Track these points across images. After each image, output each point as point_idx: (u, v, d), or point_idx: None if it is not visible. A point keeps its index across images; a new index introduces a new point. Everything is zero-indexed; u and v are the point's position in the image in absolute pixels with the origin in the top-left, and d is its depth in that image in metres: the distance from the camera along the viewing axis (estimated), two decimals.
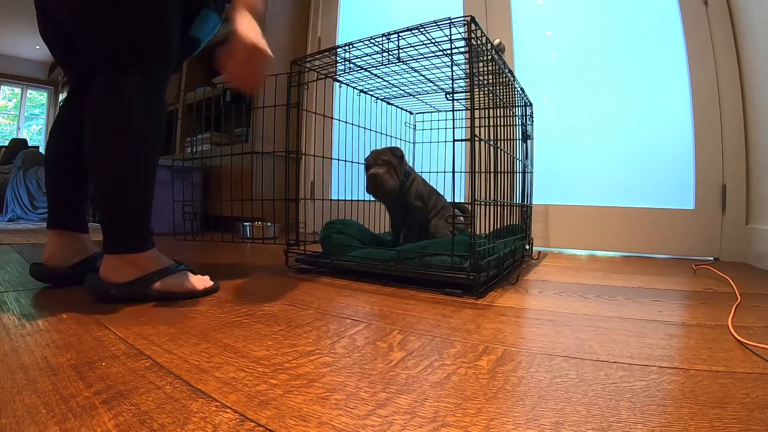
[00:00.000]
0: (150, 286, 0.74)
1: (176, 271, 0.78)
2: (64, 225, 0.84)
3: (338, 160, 1.42)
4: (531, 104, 1.42)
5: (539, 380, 0.44)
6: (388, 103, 1.50)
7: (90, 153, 0.73)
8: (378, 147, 1.50)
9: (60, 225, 0.84)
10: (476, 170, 0.84)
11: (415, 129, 1.69)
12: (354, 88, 1.32)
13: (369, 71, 1.17)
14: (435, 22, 0.87)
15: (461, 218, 1.20)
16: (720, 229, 1.48)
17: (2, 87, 5.67)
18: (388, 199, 1.18)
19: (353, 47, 1.04)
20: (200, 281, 0.82)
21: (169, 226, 2.03)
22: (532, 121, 1.45)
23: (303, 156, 2.22)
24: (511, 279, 1.01)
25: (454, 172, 0.90)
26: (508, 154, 1.10)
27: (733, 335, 0.59)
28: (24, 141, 4.28)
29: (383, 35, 0.96)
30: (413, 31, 0.91)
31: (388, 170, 1.12)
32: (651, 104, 1.61)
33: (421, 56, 1.01)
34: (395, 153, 1.15)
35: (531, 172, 1.43)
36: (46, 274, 0.82)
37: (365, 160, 1.18)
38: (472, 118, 0.85)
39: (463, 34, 0.86)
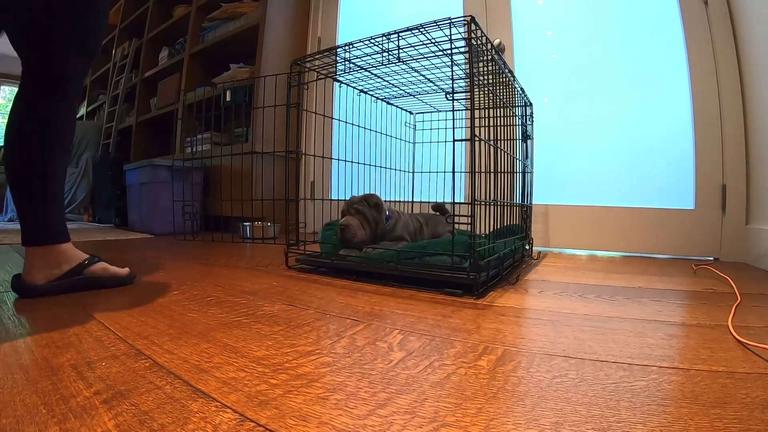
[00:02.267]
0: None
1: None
2: (42, 240, 0.77)
3: (338, 160, 1.42)
4: (531, 104, 1.42)
5: (539, 380, 0.44)
6: (388, 103, 1.50)
7: None
8: (377, 147, 1.50)
9: (36, 241, 0.77)
10: (476, 170, 0.84)
11: (415, 129, 1.69)
12: (354, 88, 1.32)
13: (369, 71, 1.17)
14: (435, 22, 0.87)
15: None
16: (720, 229, 1.48)
17: (2, 87, 5.66)
18: (373, 241, 1.14)
19: (353, 47, 1.04)
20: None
21: (169, 226, 2.04)
22: (532, 121, 1.45)
23: (303, 156, 2.22)
24: (511, 279, 1.01)
25: (454, 172, 0.90)
26: (508, 154, 1.10)
27: (733, 335, 0.59)
28: None
29: (383, 35, 0.96)
30: (413, 31, 0.91)
31: (359, 221, 1.11)
32: (651, 104, 1.61)
33: (421, 56, 1.01)
34: (369, 201, 1.13)
35: (531, 172, 1.43)
36: (26, 290, 0.76)
37: (343, 207, 1.17)
38: (472, 118, 0.85)
39: (463, 34, 0.86)
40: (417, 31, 0.90)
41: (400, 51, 0.97)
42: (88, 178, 3.22)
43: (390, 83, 1.29)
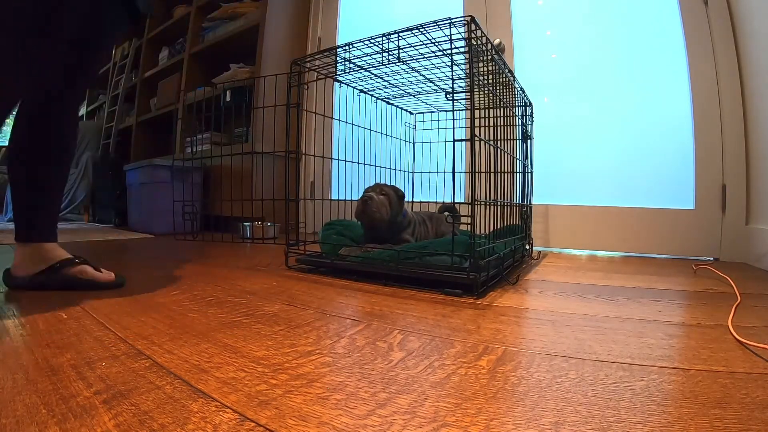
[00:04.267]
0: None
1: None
2: (27, 238, 0.84)
3: (338, 160, 1.42)
4: (531, 104, 1.42)
5: (539, 380, 0.44)
6: (388, 103, 1.50)
7: (52, 166, 0.86)
8: (377, 147, 1.50)
9: (23, 238, 0.84)
10: (476, 170, 0.84)
11: (415, 129, 1.69)
12: (354, 88, 1.32)
13: (369, 71, 1.17)
14: (435, 22, 0.87)
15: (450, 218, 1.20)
16: (720, 229, 1.48)
17: None
18: (379, 232, 1.13)
19: (353, 47, 1.04)
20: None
21: (169, 226, 2.03)
22: (532, 121, 1.45)
23: (303, 156, 2.22)
24: (511, 279, 1.01)
25: (454, 172, 0.90)
26: (508, 154, 1.10)
27: (733, 335, 0.59)
28: None
29: (383, 35, 0.96)
30: (413, 31, 0.91)
31: (383, 200, 1.09)
32: (651, 104, 1.61)
33: (421, 56, 1.01)
34: (397, 192, 1.14)
35: (531, 172, 1.43)
36: (10, 282, 0.83)
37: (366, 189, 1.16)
38: (472, 118, 0.85)
39: (463, 34, 0.86)
40: (417, 31, 0.90)
41: (400, 51, 0.97)
42: (88, 178, 3.22)
43: (390, 83, 1.29)
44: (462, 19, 0.84)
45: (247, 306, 0.73)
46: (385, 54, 1.01)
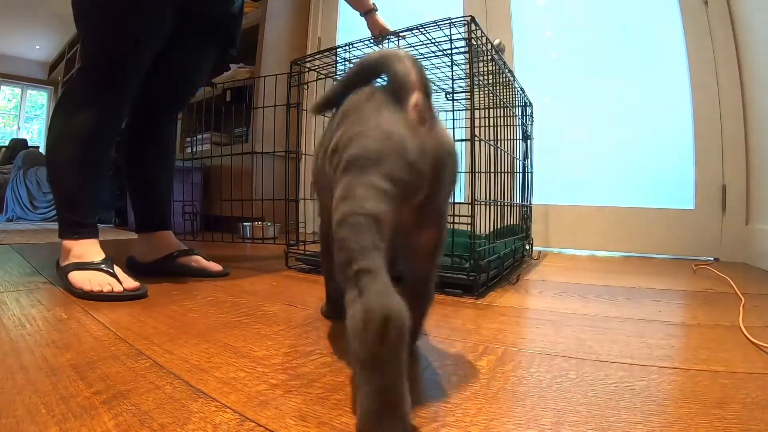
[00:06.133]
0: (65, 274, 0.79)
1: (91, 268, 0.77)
2: (147, 228, 1.00)
3: None
4: (531, 104, 1.42)
5: (539, 380, 0.44)
6: None
7: None
8: None
9: (144, 229, 1.01)
10: (476, 170, 0.84)
11: None
12: None
13: None
14: (435, 22, 0.87)
15: None
16: (720, 229, 1.48)
17: (2, 87, 5.66)
18: None
19: (353, 47, 1.04)
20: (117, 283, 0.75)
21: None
22: (532, 121, 1.45)
23: (303, 156, 2.22)
24: (512, 279, 1.01)
25: None
26: (508, 154, 1.10)
27: (746, 336, 0.59)
28: (24, 141, 4.28)
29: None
30: (413, 31, 0.91)
31: None
32: (651, 104, 1.61)
33: (421, 56, 1.01)
34: None
35: (531, 172, 1.43)
36: (134, 267, 0.97)
37: None
38: (472, 118, 0.85)
39: (463, 34, 0.86)
40: (417, 31, 0.90)
41: None
42: None
43: None
44: (462, 19, 0.84)
45: (247, 306, 0.73)
46: None
